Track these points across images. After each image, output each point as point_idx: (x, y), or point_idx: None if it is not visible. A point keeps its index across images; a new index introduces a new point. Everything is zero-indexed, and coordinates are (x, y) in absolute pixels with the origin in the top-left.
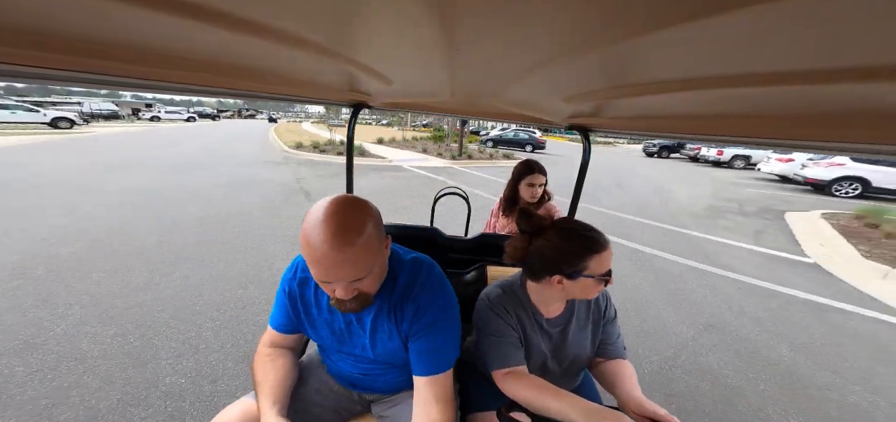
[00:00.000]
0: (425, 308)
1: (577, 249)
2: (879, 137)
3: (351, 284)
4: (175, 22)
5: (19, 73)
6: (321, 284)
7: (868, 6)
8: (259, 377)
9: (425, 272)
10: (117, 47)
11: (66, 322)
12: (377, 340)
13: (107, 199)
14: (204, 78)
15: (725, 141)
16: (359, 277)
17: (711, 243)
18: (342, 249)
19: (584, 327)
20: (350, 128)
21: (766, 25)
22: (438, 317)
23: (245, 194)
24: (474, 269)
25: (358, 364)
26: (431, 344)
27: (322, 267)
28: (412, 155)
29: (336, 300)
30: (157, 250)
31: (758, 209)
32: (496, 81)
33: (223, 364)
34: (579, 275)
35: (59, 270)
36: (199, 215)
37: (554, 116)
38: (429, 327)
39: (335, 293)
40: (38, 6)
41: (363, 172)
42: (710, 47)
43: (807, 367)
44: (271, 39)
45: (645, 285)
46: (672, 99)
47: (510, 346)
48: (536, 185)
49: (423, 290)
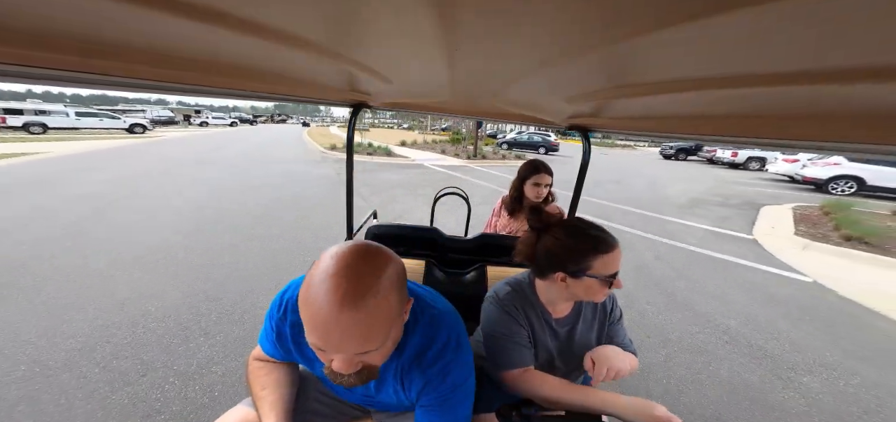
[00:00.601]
0: (436, 384)
1: (583, 247)
2: (879, 137)
3: (355, 356)
4: (175, 22)
5: (19, 74)
6: (316, 350)
7: (868, 6)
8: (256, 391)
9: (442, 340)
10: (117, 47)
11: (279, 227)
12: (382, 391)
13: (226, 181)
14: (204, 78)
15: (726, 141)
16: (366, 350)
17: (675, 224)
18: (349, 314)
19: (591, 328)
20: (350, 127)
21: (766, 25)
22: (450, 395)
23: (300, 184)
24: (474, 269)
25: (359, 398)
26: (440, 419)
27: (319, 333)
28: (432, 155)
29: (330, 372)
30: (291, 206)
31: (741, 202)
32: (496, 81)
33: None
34: (583, 274)
35: (256, 213)
36: (275, 196)
37: (554, 116)
38: (439, 402)
39: (332, 365)
40: (39, 6)
41: (390, 168)
42: (711, 47)
43: (693, 295)
44: (271, 39)
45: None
46: (672, 99)
47: (521, 347)
48: (542, 185)
49: (435, 361)
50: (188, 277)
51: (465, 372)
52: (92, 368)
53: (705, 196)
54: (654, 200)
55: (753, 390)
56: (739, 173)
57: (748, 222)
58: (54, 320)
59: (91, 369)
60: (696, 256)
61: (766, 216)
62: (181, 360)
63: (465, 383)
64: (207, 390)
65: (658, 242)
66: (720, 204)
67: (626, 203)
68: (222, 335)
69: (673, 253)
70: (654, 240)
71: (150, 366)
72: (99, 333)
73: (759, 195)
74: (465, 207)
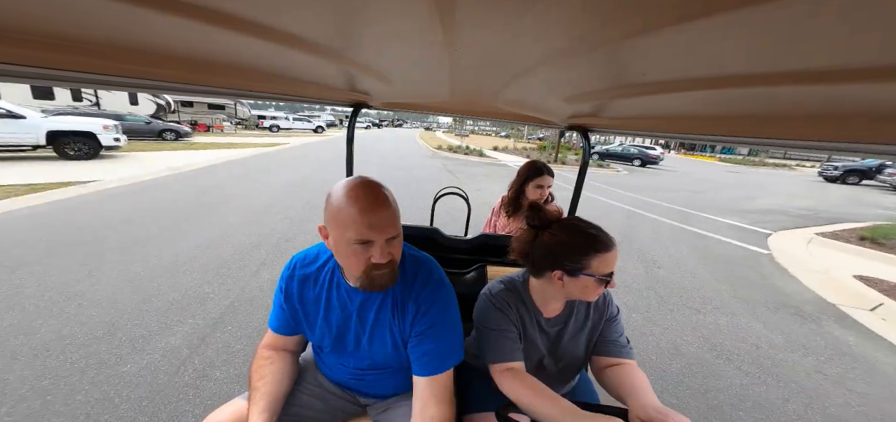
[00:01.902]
0: (426, 308)
1: (581, 245)
2: (880, 137)
3: (388, 242)
4: (175, 22)
5: (19, 74)
6: (360, 245)
7: (868, 6)
8: (254, 382)
9: (426, 270)
10: (117, 47)
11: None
12: (375, 337)
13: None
14: (204, 78)
15: (726, 141)
16: (395, 234)
17: (703, 218)
18: (384, 206)
19: (582, 328)
20: (350, 127)
21: (765, 26)
22: (438, 319)
23: (425, 170)
24: (474, 269)
25: (352, 368)
26: (432, 346)
27: (365, 223)
28: (516, 158)
29: (371, 267)
30: (414, 180)
31: (809, 214)
32: (496, 81)
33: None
34: (580, 272)
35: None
36: (419, 176)
37: (554, 116)
38: (429, 329)
39: (371, 258)
40: (38, 6)
41: (480, 165)
42: (711, 47)
43: (659, 257)
44: (271, 39)
45: (621, 219)
46: (672, 99)
47: (510, 341)
48: (544, 186)
49: (424, 287)
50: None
51: (450, 300)
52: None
53: (786, 207)
54: (722, 205)
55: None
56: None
57: (779, 226)
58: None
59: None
60: (695, 236)
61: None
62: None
63: (451, 309)
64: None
65: (674, 227)
66: (781, 213)
67: (683, 205)
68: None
69: (672, 232)
70: (673, 225)
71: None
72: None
73: (857, 213)
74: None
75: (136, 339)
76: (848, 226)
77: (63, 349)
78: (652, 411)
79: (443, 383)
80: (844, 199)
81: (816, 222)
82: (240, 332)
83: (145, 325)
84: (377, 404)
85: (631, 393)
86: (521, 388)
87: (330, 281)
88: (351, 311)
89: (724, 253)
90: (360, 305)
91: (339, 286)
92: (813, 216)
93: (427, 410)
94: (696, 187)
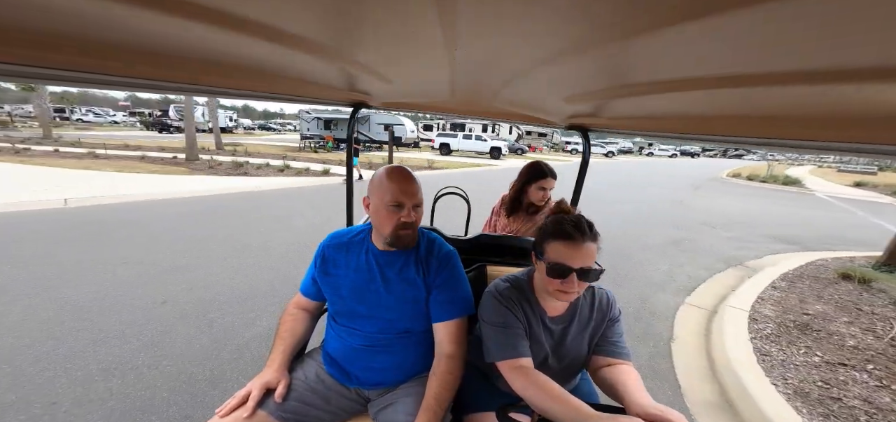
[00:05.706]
0: (444, 264)
1: (547, 228)
2: (879, 137)
3: (414, 208)
4: (175, 22)
5: (19, 74)
6: (397, 204)
7: (869, 7)
8: (282, 330)
9: (437, 242)
10: (117, 47)
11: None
12: (394, 291)
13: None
14: (204, 78)
15: (726, 141)
16: (418, 203)
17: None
18: (412, 181)
19: (585, 327)
20: (350, 127)
21: (766, 26)
22: (451, 275)
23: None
24: (474, 269)
25: (363, 335)
26: (450, 295)
27: (399, 190)
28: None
29: (400, 225)
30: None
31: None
32: (496, 81)
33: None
34: (541, 257)
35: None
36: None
37: (554, 116)
38: (447, 280)
39: (401, 218)
40: (39, 6)
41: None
42: (711, 47)
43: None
44: (272, 39)
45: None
46: (672, 99)
47: (517, 337)
48: (547, 188)
49: (440, 251)
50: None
51: (458, 264)
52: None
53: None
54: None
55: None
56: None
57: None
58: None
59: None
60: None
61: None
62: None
63: (458, 268)
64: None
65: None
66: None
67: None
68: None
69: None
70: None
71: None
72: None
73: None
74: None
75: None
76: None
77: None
78: (650, 409)
79: (457, 325)
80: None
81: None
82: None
83: None
84: (378, 399)
85: (627, 392)
86: (533, 388)
87: (360, 244)
88: (376, 271)
89: None
90: (386, 264)
91: (368, 251)
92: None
93: (443, 347)
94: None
